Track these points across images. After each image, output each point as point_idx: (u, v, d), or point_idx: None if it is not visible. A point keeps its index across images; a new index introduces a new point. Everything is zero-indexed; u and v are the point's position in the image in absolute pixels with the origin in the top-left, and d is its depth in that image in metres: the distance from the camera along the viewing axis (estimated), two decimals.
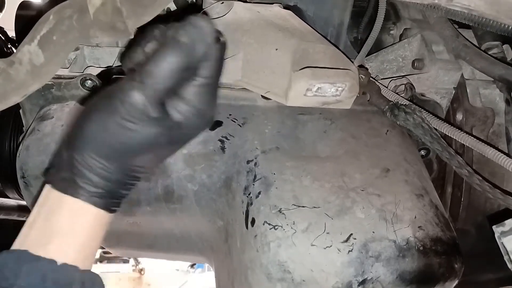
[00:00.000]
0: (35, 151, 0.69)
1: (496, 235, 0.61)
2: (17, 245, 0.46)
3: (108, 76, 0.75)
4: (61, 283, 0.44)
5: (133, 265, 3.64)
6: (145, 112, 0.44)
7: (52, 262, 0.44)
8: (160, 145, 0.47)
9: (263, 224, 0.59)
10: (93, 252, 0.49)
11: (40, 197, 0.48)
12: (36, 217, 0.47)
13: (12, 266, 0.43)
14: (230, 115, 0.72)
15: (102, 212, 0.47)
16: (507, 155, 0.63)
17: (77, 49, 0.79)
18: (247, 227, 0.62)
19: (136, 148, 0.46)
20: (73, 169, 0.45)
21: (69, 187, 0.45)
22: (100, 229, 0.48)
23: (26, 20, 1.00)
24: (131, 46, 0.50)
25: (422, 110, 0.72)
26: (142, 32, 0.49)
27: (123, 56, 0.51)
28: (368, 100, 0.75)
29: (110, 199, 0.47)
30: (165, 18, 0.50)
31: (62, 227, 0.45)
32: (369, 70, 0.78)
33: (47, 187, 0.47)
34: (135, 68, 0.46)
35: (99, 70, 0.79)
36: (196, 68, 0.45)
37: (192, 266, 3.67)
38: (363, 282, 0.57)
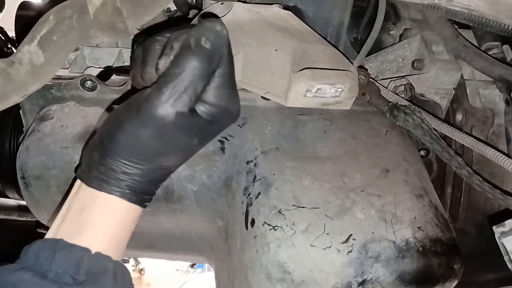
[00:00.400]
0: (35, 151, 0.69)
1: (496, 236, 0.61)
2: (50, 234, 0.47)
3: (108, 76, 0.75)
4: (95, 271, 0.44)
5: (133, 265, 3.63)
6: (176, 123, 0.45)
7: (87, 250, 0.45)
8: (192, 147, 0.50)
9: (263, 225, 0.59)
10: (124, 244, 0.50)
11: (71, 192, 0.49)
12: (68, 210, 0.48)
13: (47, 253, 0.44)
14: None
15: (134, 207, 0.48)
16: (507, 155, 0.63)
17: (77, 49, 0.79)
18: (247, 228, 0.62)
19: (168, 153, 0.48)
20: (106, 172, 0.46)
21: (103, 185, 0.47)
22: (131, 223, 0.50)
23: (26, 20, 1.00)
24: (138, 59, 0.50)
25: (422, 110, 0.72)
26: (149, 45, 0.49)
27: (134, 70, 0.51)
28: (368, 101, 0.75)
29: (143, 195, 0.49)
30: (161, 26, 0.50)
31: (95, 219, 0.47)
32: (369, 71, 0.79)
33: (79, 183, 0.49)
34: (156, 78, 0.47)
35: (99, 70, 0.79)
36: (214, 70, 0.47)
37: (192, 266, 3.67)
38: (362, 282, 0.57)
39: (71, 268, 0.43)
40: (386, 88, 0.77)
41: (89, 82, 0.72)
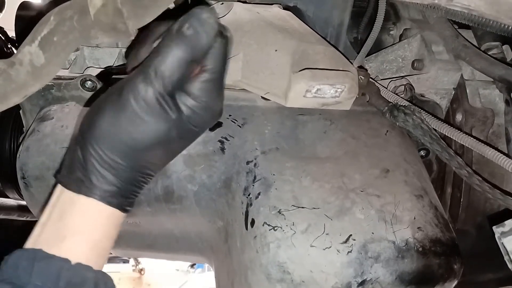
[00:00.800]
0: (35, 151, 0.69)
1: (496, 236, 0.61)
2: (29, 244, 0.46)
3: (108, 76, 0.75)
4: (75, 282, 0.44)
5: (133, 265, 3.64)
6: (155, 106, 0.44)
7: (66, 261, 0.44)
8: (171, 140, 0.48)
9: (263, 225, 0.60)
10: (106, 252, 0.49)
11: (52, 198, 0.48)
12: (48, 217, 0.47)
13: (25, 264, 0.43)
14: (230, 115, 0.72)
15: (115, 212, 0.47)
16: (507, 155, 0.63)
17: (77, 49, 0.80)
18: (246, 228, 0.62)
19: (148, 143, 0.46)
20: (86, 166, 0.45)
21: (82, 186, 0.45)
22: (113, 229, 0.48)
23: (27, 21, 1.00)
24: (135, 44, 0.51)
25: (422, 110, 0.72)
26: (146, 30, 0.50)
27: (128, 54, 0.51)
28: (368, 101, 0.75)
29: (123, 198, 0.48)
30: (166, 15, 0.50)
31: (75, 226, 0.46)
32: (368, 71, 0.79)
33: (59, 188, 0.48)
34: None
35: (99, 70, 0.79)
36: (201, 62, 0.46)
37: (192, 266, 3.67)
38: (362, 283, 0.57)
39: (50, 280, 0.42)
40: (386, 88, 0.78)
41: (89, 82, 0.72)
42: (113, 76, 0.74)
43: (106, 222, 0.47)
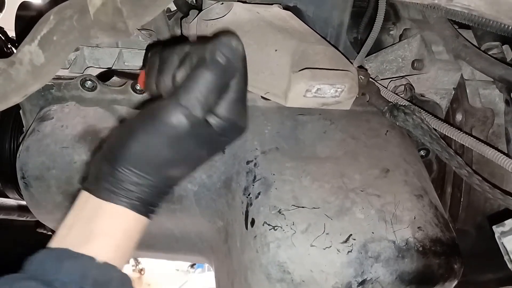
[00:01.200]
0: (35, 151, 0.69)
1: (496, 235, 0.61)
2: (55, 244, 0.47)
3: (108, 77, 0.75)
4: (102, 280, 0.44)
5: (133, 265, 3.63)
6: (189, 133, 0.46)
7: (93, 259, 0.45)
8: (201, 158, 0.50)
9: (263, 225, 0.59)
10: (129, 255, 0.50)
11: (77, 202, 0.49)
12: (74, 220, 0.48)
13: (52, 262, 0.44)
14: None
15: (140, 217, 0.48)
16: (507, 155, 0.63)
17: (77, 49, 0.79)
18: (246, 228, 0.62)
19: (178, 162, 0.49)
20: (115, 182, 0.46)
21: (112, 196, 0.47)
22: (137, 233, 0.49)
23: (26, 20, 1.00)
24: (150, 73, 0.51)
25: (422, 110, 0.72)
26: (158, 59, 0.51)
27: (150, 79, 0.52)
28: (368, 101, 0.75)
29: (150, 206, 0.49)
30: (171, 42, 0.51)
31: (103, 229, 0.47)
32: (368, 71, 0.79)
33: (85, 194, 0.48)
34: (165, 92, 0.49)
35: (99, 70, 0.79)
36: (228, 84, 0.48)
37: (192, 266, 3.66)
38: (362, 282, 0.57)
39: (77, 277, 0.43)
40: (386, 88, 0.77)
41: (89, 82, 0.72)
42: (114, 77, 0.74)
43: (132, 228, 0.48)
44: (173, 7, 0.90)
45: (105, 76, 0.76)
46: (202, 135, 0.48)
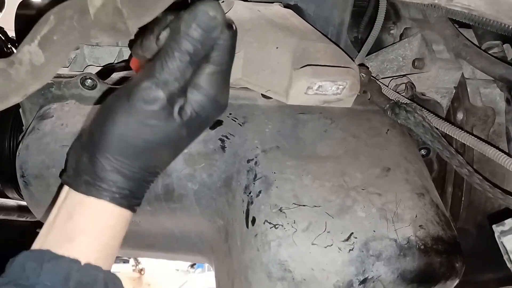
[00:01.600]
0: (35, 150, 0.69)
1: (496, 235, 0.61)
2: (37, 245, 0.45)
3: (109, 74, 0.75)
4: (85, 282, 0.43)
5: (133, 265, 3.63)
6: (165, 109, 0.44)
7: (76, 261, 0.43)
8: (181, 138, 0.48)
9: (264, 223, 0.59)
10: (115, 252, 0.48)
11: (58, 199, 0.48)
12: (56, 217, 0.46)
13: (33, 265, 0.42)
14: (230, 114, 0.72)
15: (125, 212, 0.47)
16: (508, 154, 0.62)
17: (77, 48, 0.79)
18: (247, 226, 0.62)
19: (158, 144, 0.46)
20: (96, 172, 0.45)
21: (91, 189, 0.45)
22: (122, 229, 0.48)
23: (26, 20, 1.00)
24: (139, 35, 0.51)
25: (423, 109, 0.72)
26: (163, 15, 0.49)
27: (133, 42, 0.51)
28: (369, 99, 0.75)
29: (133, 199, 0.47)
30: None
31: (84, 226, 0.45)
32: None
33: (66, 189, 0.47)
34: (146, 59, 0.47)
35: (99, 69, 0.79)
36: (208, 55, 0.45)
37: (192, 266, 3.67)
38: (364, 281, 0.57)
39: (59, 280, 0.42)
40: (387, 86, 0.77)
41: (89, 80, 0.72)
42: (114, 74, 0.74)
43: (115, 223, 0.47)
44: None
45: (105, 73, 0.75)
46: (183, 114, 0.45)
